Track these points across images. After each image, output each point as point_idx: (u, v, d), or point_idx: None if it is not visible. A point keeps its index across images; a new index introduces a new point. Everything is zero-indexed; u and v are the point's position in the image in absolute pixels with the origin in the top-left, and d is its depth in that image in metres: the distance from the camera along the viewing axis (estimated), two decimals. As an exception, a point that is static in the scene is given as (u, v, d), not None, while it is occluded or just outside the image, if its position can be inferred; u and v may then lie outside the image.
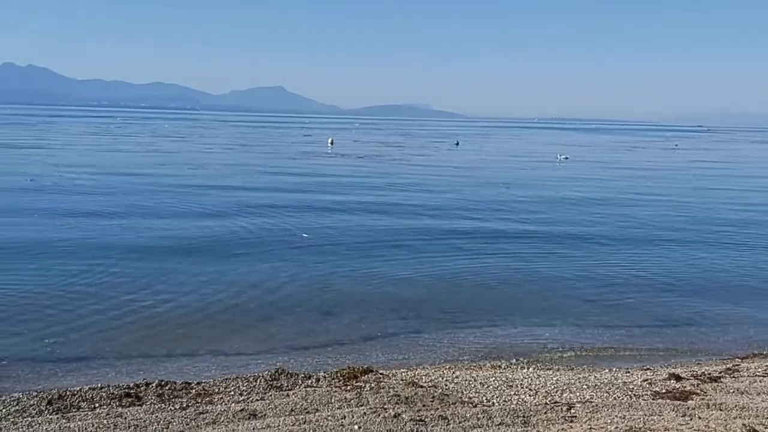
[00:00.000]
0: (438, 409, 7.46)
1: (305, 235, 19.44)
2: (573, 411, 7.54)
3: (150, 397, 7.91)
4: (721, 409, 7.51)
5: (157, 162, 42.36)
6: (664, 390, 8.49)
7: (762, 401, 7.88)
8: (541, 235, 20.63)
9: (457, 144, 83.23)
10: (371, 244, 18.69)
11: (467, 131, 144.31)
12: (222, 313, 12.27)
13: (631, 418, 7.22)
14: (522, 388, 8.50)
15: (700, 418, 7.21)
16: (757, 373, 9.41)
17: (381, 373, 8.93)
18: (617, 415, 7.33)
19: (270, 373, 8.80)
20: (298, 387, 8.41)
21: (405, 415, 7.19)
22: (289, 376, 8.77)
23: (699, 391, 8.41)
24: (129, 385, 8.25)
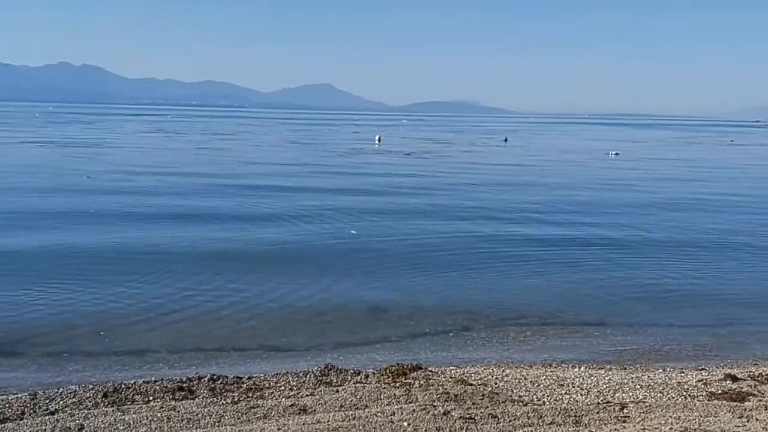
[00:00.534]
0: (488, 408, 7.41)
1: (353, 232, 19.51)
2: (626, 411, 7.42)
3: (202, 391, 8.03)
4: (780, 412, 7.32)
5: (209, 160, 42.85)
6: (719, 391, 8.31)
7: (823, 404, 7.65)
8: (588, 237, 20.33)
9: (506, 140, 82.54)
10: (418, 241, 18.67)
11: (516, 127, 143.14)
12: (271, 310, 12.39)
13: (686, 419, 7.07)
14: (573, 387, 8.40)
15: (757, 419, 7.03)
16: (818, 376, 9.14)
17: (430, 371, 8.91)
18: (671, 416, 7.19)
19: (319, 369, 8.85)
20: (347, 383, 8.44)
21: (454, 413, 7.16)
22: (339, 372, 8.81)
23: (756, 393, 8.21)
24: (182, 379, 8.38)
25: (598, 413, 7.32)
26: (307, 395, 7.93)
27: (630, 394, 8.18)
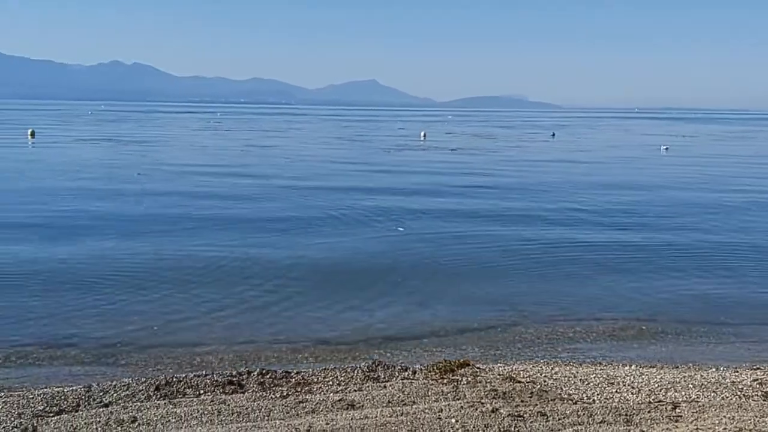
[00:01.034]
0: (537, 405, 7.35)
1: (400, 229, 19.52)
2: (678, 410, 7.28)
3: (252, 385, 8.12)
4: (841, 414, 7.10)
5: (259, 159, 43.10)
6: (776, 391, 8.10)
7: None
8: (637, 235, 20.00)
9: (553, 135, 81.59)
10: (465, 236, 18.61)
11: (564, 122, 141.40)
12: (318, 304, 12.48)
13: (741, 419, 6.90)
14: (624, 385, 8.27)
15: (816, 421, 6.84)
16: None
17: (478, 367, 8.87)
18: (725, 416, 7.03)
19: (367, 365, 8.88)
20: (394, 379, 8.45)
21: (503, 410, 7.11)
22: (386, 367, 8.83)
23: (815, 394, 7.98)
24: (232, 373, 8.49)
25: (649, 412, 7.20)
26: (355, 390, 7.96)
27: (682, 393, 8.02)
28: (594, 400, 7.72)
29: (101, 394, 7.75)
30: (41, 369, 9.38)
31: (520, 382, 8.29)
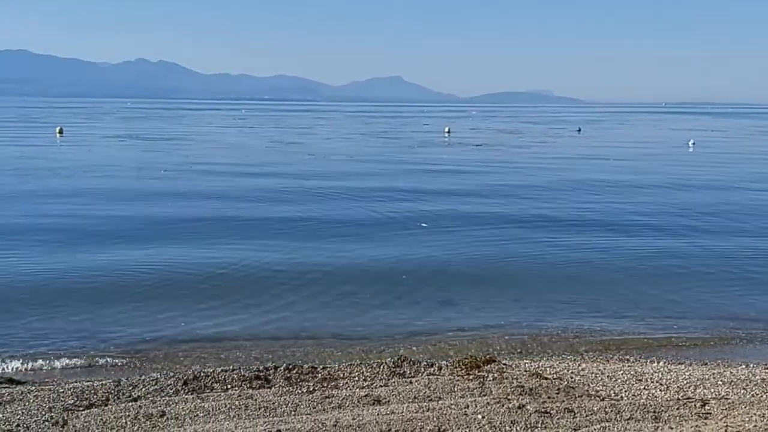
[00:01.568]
0: (564, 402, 7.31)
1: (424, 225, 19.49)
2: (707, 407, 7.20)
3: (278, 380, 8.16)
4: None
5: (283, 156, 43.04)
6: (807, 388, 7.98)
7: None
8: (664, 228, 19.84)
9: (579, 131, 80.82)
10: (489, 232, 18.55)
11: (590, 117, 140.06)
12: (344, 300, 12.53)
13: (772, 417, 6.82)
14: (652, 382, 8.20)
15: None
16: None
17: (504, 363, 8.84)
18: (755, 413, 6.94)
19: (393, 360, 8.88)
20: (420, 375, 8.45)
21: (529, 407, 7.08)
22: (412, 363, 8.82)
23: None
24: (259, 368, 8.53)
25: (678, 409, 7.13)
26: (381, 386, 7.97)
27: (711, 390, 7.94)
28: (622, 396, 7.67)
29: (130, 388, 7.84)
30: (72, 363, 9.51)
31: (546, 378, 8.25)
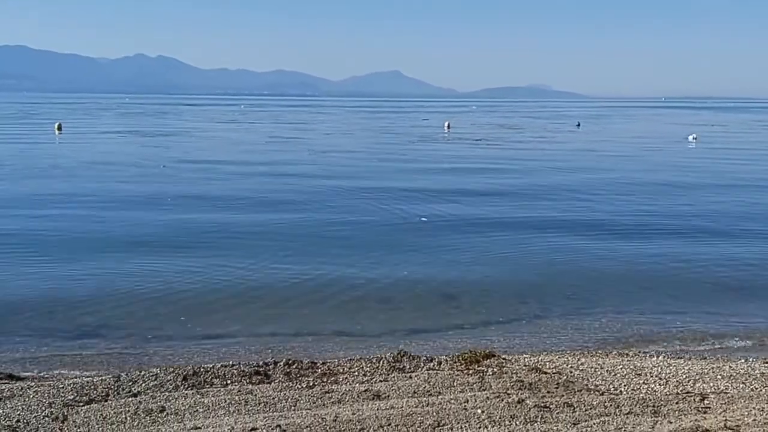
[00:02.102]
0: (563, 396, 7.32)
1: (423, 219, 19.50)
2: (706, 402, 7.21)
3: (278, 376, 8.16)
4: None
5: (282, 153, 42.96)
6: (806, 382, 7.99)
7: None
8: (665, 225, 19.84)
9: (578, 125, 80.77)
10: (489, 226, 18.55)
11: (589, 112, 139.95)
12: (344, 295, 12.53)
13: (771, 411, 6.84)
14: (651, 377, 8.20)
15: None
16: None
17: (503, 358, 8.84)
18: (755, 407, 6.96)
19: (392, 355, 8.88)
20: (420, 369, 8.45)
21: (529, 401, 7.10)
22: (411, 358, 8.83)
23: None
24: (258, 363, 8.53)
25: (677, 403, 7.14)
26: (381, 381, 7.98)
27: (711, 384, 7.94)
28: (621, 391, 7.67)
29: (130, 383, 7.84)
30: (71, 359, 9.52)
31: (546, 372, 8.25)
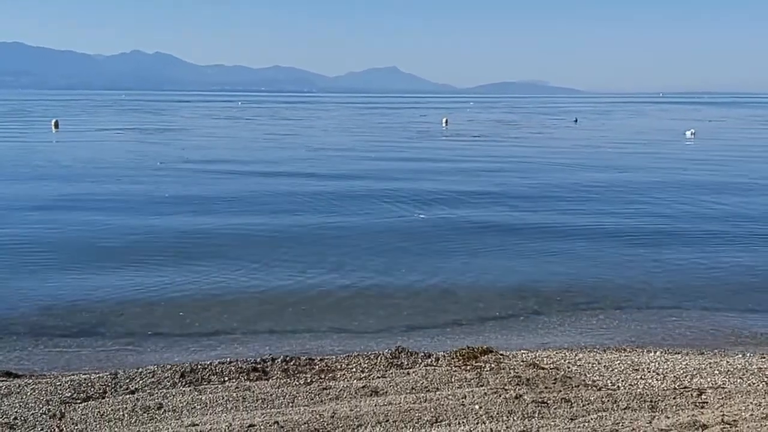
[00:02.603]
0: (561, 392, 7.33)
1: (422, 216, 19.49)
2: (704, 397, 7.23)
3: (276, 372, 8.17)
4: None
5: (280, 150, 42.89)
6: (803, 377, 8.01)
7: None
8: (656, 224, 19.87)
9: (576, 121, 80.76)
10: (487, 224, 18.56)
11: (587, 107, 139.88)
12: (342, 292, 12.53)
13: (767, 405, 6.85)
14: (649, 372, 8.21)
15: None
16: None
17: (501, 354, 8.85)
18: (752, 402, 6.97)
19: (390, 352, 8.89)
20: (417, 366, 8.46)
21: (526, 397, 7.11)
22: (409, 354, 8.83)
23: (844, 380, 7.88)
24: (256, 360, 8.54)
25: (674, 399, 7.16)
26: (378, 377, 7.99)
27: (708, 379, 7.96)
28: (618, 386, 7.69)
29: (127, 381, 7.84)
30: (68, 356, 9.51)
31: (543, 368, 8.26)
